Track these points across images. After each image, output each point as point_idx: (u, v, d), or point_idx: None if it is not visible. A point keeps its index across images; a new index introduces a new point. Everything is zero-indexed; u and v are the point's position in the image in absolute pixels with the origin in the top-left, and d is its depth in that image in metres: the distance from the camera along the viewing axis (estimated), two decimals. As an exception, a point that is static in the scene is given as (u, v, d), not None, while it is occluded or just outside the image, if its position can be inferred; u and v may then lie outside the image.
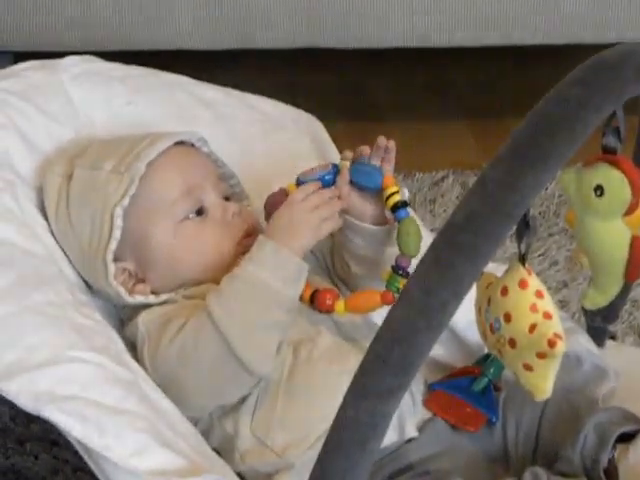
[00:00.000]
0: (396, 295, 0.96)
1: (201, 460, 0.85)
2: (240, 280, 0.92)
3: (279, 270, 0.91)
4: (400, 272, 0.97)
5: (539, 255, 1.55)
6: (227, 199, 1.03)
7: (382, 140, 1.02)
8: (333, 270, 1.07)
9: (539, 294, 0.72)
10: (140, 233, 0.98)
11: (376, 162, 1.01)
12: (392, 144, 1.02)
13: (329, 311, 0.96)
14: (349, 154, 1.02)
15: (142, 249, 0.98)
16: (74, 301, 0.93)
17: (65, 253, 1.00)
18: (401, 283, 0.96)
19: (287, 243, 0.93)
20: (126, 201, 0.96)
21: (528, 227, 0.70)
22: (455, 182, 1.74)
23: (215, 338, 0.90)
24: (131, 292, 0.98)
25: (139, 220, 0.98)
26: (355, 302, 0.97)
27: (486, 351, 0.99)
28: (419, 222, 1.01)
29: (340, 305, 0.96)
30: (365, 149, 1.01)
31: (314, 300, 0.96)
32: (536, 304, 0.72)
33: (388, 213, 0.99)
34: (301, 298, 0.96)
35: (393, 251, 1.00)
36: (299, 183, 0.98)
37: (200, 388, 0.92)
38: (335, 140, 1.19)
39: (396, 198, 0.98)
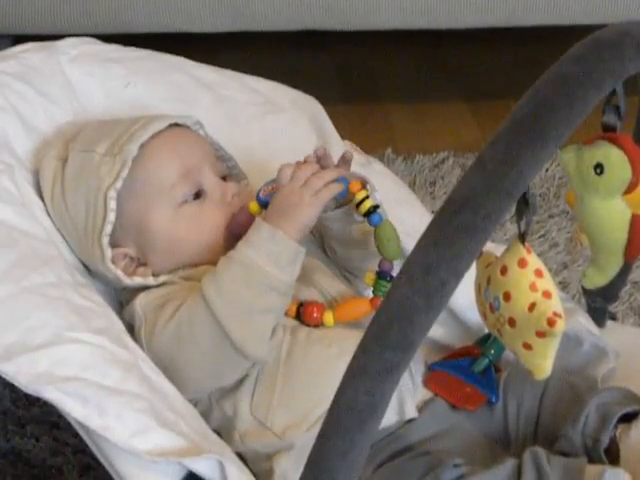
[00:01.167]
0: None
1: (201, 440, 0.85)
2: (236, 263, 0.92)
3: (275, 254, 0.91)
4: (386, 277, 0.97)
5: (539, 237, 1.54)
6: (224, 179, 1.03)
7: (320, 151, 0.98)
8: (326, 254, 1.06)
9: (538, 273, 0.71)
10: (139, 218, 0.98)
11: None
12: (349, 155, 0.99)
13: (317, 325, 0.96)
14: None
15: (142, 234, 0.98)
16: (73, 282, 0.93)
17: (63, 236, 1.00)
18: (388, 287, 0.95)
19: (284, 226, 0.92)
20: (119, 184, 0.96)
21: (528, 205, 0.70)
22: (455, 164, 1.73)
23: (209, 321, 0.90)
24: (131, 275, 0.98)
25: (137, 204, 0.97)
26: (344, 312, 0.97)
27: (486, 331, 0.99)
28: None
29: (328, 317, 0.96)
30: (310, 157, 0.98)
31: (300, 315, 0.96)
32: (535, 283, 0.71)
33: (359, 217, 0.98)
34: (286, 313, 0.95)
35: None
36: (259, 200, 0.97)
37: (195, 370, 0.92)
38: (334, 122, 1.19)
39: (367, 204, 0.96)
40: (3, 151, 1.00)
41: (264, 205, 0.97)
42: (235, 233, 0.97)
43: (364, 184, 0.97)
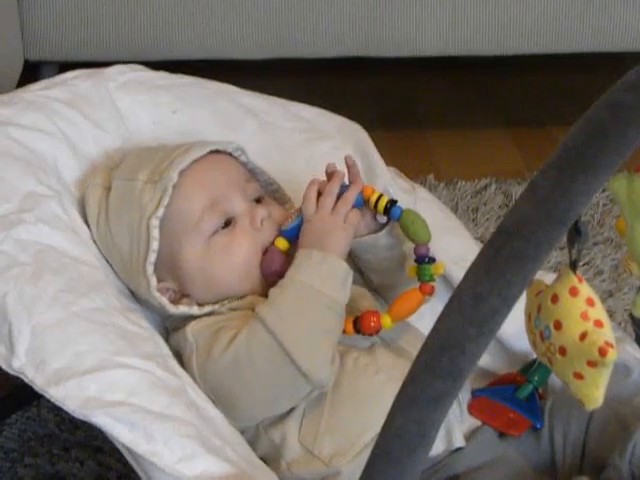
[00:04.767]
0: (432, 284, 0.96)
1: (248, 467, 0.85)
2: (290, 289, 0.92)
3: (328, 276, 0.92)
4: (425, 261, 0.97)
5: (584, 264, 1.53)
6: (259, 200, 1.02)
7: (330, 167, 1.00)
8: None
9: (590, 302, 0.71)
10: (172, 253, 0.98)
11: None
12: (350, 160, 1.00)
13: (378, 330, 0.96)
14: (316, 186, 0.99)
15: (177, 269, 0.98)
16: (121, 307, 0.94)
17: (108, 262, 1.01)
18: (431, 269, 0.96)
19: (327, 252, 0.93)
20: (160, 212, 0.96)
21: (579, 233, 0.70)
22: (497, 191, 1.72)
23: (271, 346, 0.89)
24: (176, 303, 0.98)
25: (171, 239, 0.97)
26: (398, 309, 0.96)
27: (531, 358, 0.99)
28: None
29: (386, 319, 0.96)
30: (331, 166, 0.99)
31: (359, 326, 0.96)
32: (587, 312, 0.71)
33: (382, 218, 0.98)
34: (344, 330, 0.95)
35: (404, 249, 1.00)
36: (283, 234, 0.98)
37: (253, 399, 0.92)
38: (376, 149, 1.19)
39: (384, 201, 0.97)
40: (52, 177, 1.01)
41: (289, 236, 0.98)
42: (269, 273, 0.97)
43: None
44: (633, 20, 1.70)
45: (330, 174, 0.99)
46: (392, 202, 0.97)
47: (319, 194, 0.98)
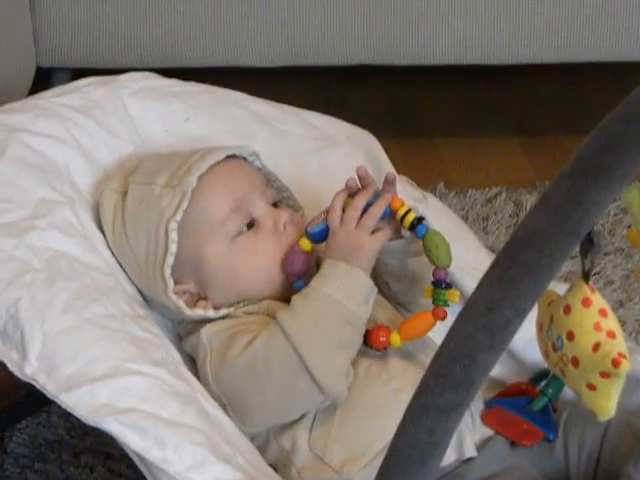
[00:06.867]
0: (446, 309, 0.96)
1: (258, 475, 0.85)
2: (313, 299, 0.92)
3: (352, 290, 0.92)
4: (442, 285, 0.96)
5: (594, 274, 1.52)
6: (275, 205, 1.02)
7: (360, 171, 0.99)
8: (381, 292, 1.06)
9: (603, 313, 0.71)
10: (196, 254, 0.98)
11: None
12: (391, 176, 0.99)
13: (385, 347, 0.96)
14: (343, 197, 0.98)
15: (200, 269, 0.98)
16: (133, 314, 0.94)
17: (123, 268, 1.01)
18: (447, 295, 0.96)
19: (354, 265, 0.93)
20: (179, 215, 0.97)
21: (592, 244, 0.70)
22: (508, 200, 1.72)
23: (288, 353, 0.90)
24: (192, 307, 0.99)
25: (194, 241, 0.98)
26: (409, 329, 0.96)
27: (541, 368, 0.99)
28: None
29: (395, 337, 0.95)
30: (351, 180, 0.98)
31: (368, 340, 0.95)
32: (600, 323, 0.71)
33: (406, 232, 0.97)
34: None
35: (425, 260, 0.98)
36: (308, 235, 0.98)
37: (266, 404, 0.92)
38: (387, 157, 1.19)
39: (411, 217, 0.96)
40: (64, 183, 1.01)
41: (314, 239, 0.98)
42: (291, 273, 0.97)
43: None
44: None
45: (361, 184, 0.97)
46: (419, 219, 0.96)
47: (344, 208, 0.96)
